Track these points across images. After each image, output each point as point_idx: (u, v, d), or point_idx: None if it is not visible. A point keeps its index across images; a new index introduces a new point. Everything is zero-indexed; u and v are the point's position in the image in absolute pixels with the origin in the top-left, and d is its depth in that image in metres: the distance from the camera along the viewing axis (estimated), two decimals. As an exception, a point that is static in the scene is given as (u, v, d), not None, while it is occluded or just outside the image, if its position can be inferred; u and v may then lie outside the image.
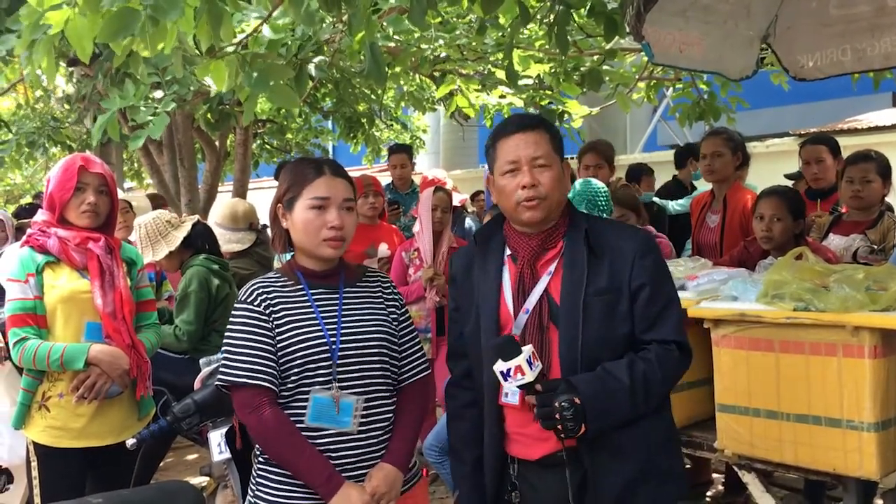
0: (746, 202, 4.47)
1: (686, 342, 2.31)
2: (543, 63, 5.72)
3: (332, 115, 8.65)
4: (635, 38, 3.63)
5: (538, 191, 2.27)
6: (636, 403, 2.22)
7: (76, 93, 6.75)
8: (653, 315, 2.27)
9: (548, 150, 2.31)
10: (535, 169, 2.29)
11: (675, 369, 2.32)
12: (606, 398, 2.17)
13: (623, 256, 2.27)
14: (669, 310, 2.30)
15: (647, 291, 2.26)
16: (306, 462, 2.27)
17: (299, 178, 2.38)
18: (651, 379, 2.22)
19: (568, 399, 2.13)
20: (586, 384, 2.18)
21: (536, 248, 2.34)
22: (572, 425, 2.13)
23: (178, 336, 4.19)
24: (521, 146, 2.31)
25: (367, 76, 3.23)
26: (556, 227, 2.35)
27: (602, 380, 2.20)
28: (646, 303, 2.26)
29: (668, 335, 2.27)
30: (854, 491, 2.86)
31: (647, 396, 2.23)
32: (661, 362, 2.24)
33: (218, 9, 2.52)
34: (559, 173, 2.32)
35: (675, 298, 2.35)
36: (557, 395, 2.15)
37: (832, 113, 14.07)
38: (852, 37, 4.00)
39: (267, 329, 2.32)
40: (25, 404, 3.10)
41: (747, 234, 4.23)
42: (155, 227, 4.37)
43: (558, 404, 2.13)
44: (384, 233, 5.44)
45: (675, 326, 2.29)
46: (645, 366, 2.22)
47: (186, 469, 5.76)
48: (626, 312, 2.26)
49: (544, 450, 2.30)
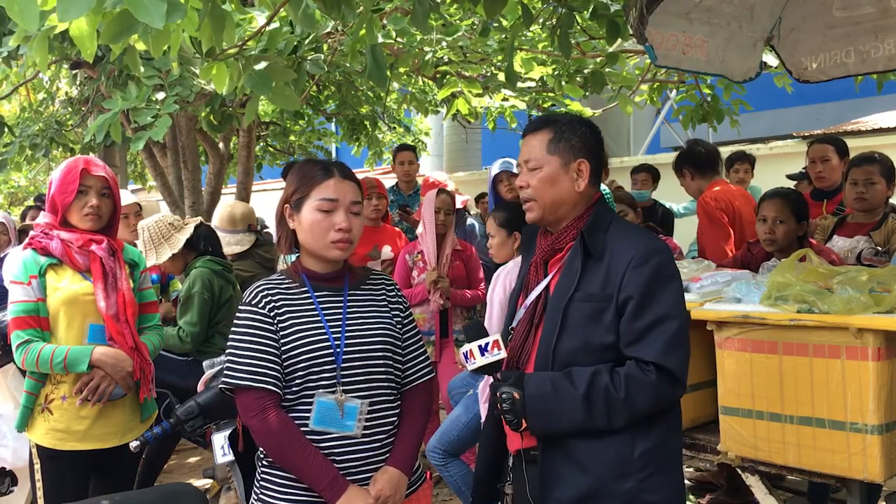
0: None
1: (672, 367, 2.15)
2: (546, 65, 5.73)
3: (335, 118, 8.66)
4: (638, 40, 3.63)
5: (526, 192, 2.35)
6: (592, 415, 2.14)
7: (79, 95, 6.77)
8: (638, 330, 2.16)
9: (539, 153, 2.33)
10: (528, 172, 2.34)
11: (648, 393, 2.14)
12: (552, 401, 2.16)
13: (620, 263, 2.20)
14: (658, 328, 2.15)
15: (634, 304, 2.16)
16: (310, 465, 2.26)
17: (308, 179, 2.38)
18: (612, 395, 2.13)
19: (508, 392, 2.19)
20: (536, 382, 2.19)
21: (547, 248, 2.37)
22: (511, 417, 2.19)
23: (181, 337, 4.20)
24: (523, 150, 2.39)
25: (369, 77, 3.23)
26: (568, 227, 2.34)
27: (555, 382, 2.17)
28: (631, 316, 2.16)
29: (648, 355, 2.14)
30: (858, 493, 2.85)
31: (609, 413, 2.14)
32: (628, 382, 2.13)
33: (220, 11, 2.52)
34: (552, 174, 2.31)
35: (671, 317, 2.18)
36: (502, 385, 2.22)
37: (836, 115, 14.04)
38: (856, 39, 4.00)
39: (271, 332, 2.31)
40: (28, 407, 3.11)
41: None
42: (158, 229, 4.38)
43: (499, 395, 2.21)
44: (387, 235, 5.44)
45: (661, 347, 2.14)
46: (609, 380, 2.14)
47: (189, 471, 5.76)
48: (611, 322, 2.18)
49: (516, 444, 2.33)
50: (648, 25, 3.46)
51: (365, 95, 7.83)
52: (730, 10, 3.92)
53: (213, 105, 5.36)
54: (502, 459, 2.48)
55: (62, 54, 5.28)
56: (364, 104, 8.13)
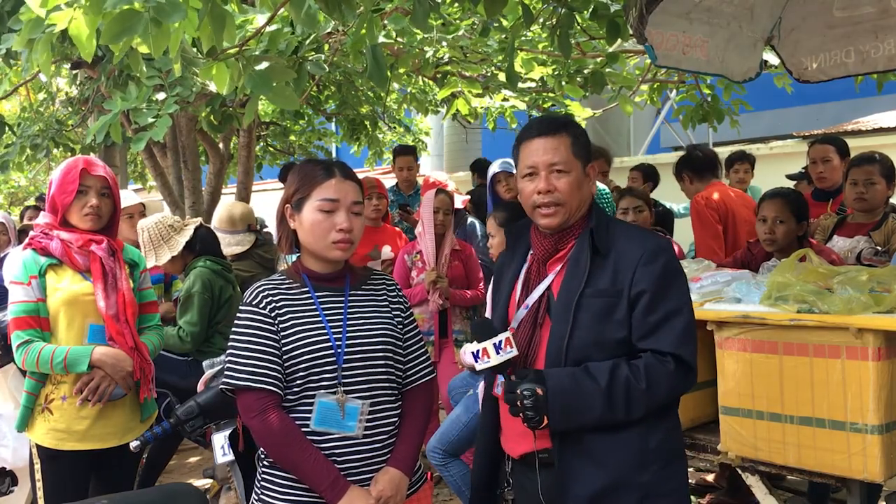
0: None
1: (687, 357, 2.21)
2: (546, 65, 5.72)
3: (335, 118, 8.66)
4: (638, 40, 3.63)
5: (554, 196, 2.29)
6: (613, 409, 2.16)
7: (79, 95, 6.76)
8: (652, 323, 2.21)
9: (567, 156, 2.31)
10: (553, 175, 2.30)
11: (668, 383, 2.20)
12: (575, 396, 2.16)
13: (628, 260, 2.24)
14: (672, 320, 2.21)
15: (647, 298, 2.20)
16: (311, 466, 2.26)
17: (309, 179, 2.38)
18: (633, 387, 2.16)
19: (531, 388, 2.16)
20: (557, 378, 2.18)
21: (549, 248, 2.37)
22: (532, 415, 2.15)
23: (181, 337, 4.20)
24: (541, 151, 2.32)
25: (369, 77, 3.23)
26: (571, 228, 2.36)
27: (576, 377, 2.18)
28: (644, 310, 2.21)
29: (665, 346, 2.19)
30: (858, 493, 2.85)
31: (628, 404, 2.17)
32: (648, 372, 2.17)
33: (221, 11, 2.52)
34: (578, 178, 2.32)
35: (683, 310, 2.25)
36: (523, 382, 2.18)
37: (836, 115, 14.04)
38: (856, 39, 4.00)
39: (272, 332, 2.31)
40: (28, 407, 3.11)
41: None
42: (157, 231, 4.38)
43: (520, 391, 2.16)
44: (387, 235, 5.44)
45: (676, 338, 2.20)
46: (629, 372, 2.17)
47: (189, 471, 5.76)
48: (623, 317, 2.22)
49: (524, 447, 2.32)
50: (648, 25, 3.45)
51: (365, 95, 7.82)
52: (730, 10, 3.92)
53: (213, 105, 5.36)
54: (498, 466, 2.46)
55: (62, 54, 5.27)
56: (364, 104, 8.13)
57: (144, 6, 2.26)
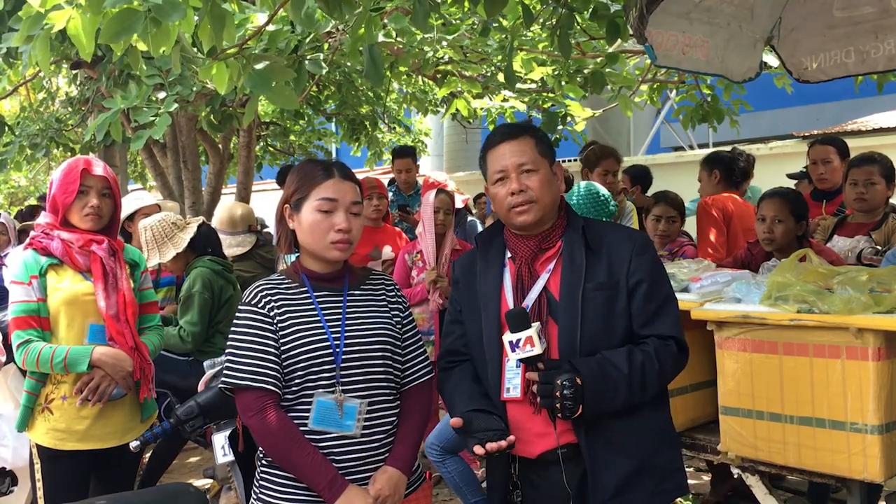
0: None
1: (683, 340, 2.37)
2: (546, 65, 5.72)
3: (335, 118, 8.66)
4: (638, 40, 3.62)
5: (527, 195, 2.35)
6: (632, 392, 2.26)
7: (79, 95, 6.76)
8: (651, 311, 2.33)
9: (534, 156, 2.38)
10: (523, 175, 2.37)
11: (673, 365, 2.36)
12: (604, 383, 2.23)
13: (620, 253, 2.35)
14: (667, 307, 2.36)
15: (645, 287, 2.32)
16: (309, 465, 2.26)
17: (308, 179, 2.38)
18: (648, 370, 2.28)
19: (570, 378, 2.19)
20: (587, 366, 2.24)
21: (534, 249, 2.41)
22: (570, 404, 2.18)
23: (182, 337, 4.20)
24: (508, 155, 2.39)
25: (366, 76, 3.24)
26: (552, 227, 2.42)
27: (601, 365, 2.25)
28: (643, 299, 2.33)
29: (666, 331, 2.33)
30: (858, 493, 2.85)
31: (644, 387, 2.28)
32: (659, 355, 2.30)
33: (220, 11, 2.52)
34: (547, 176, 2.39)
35: (673, 297, 2.41)
36: (561, 373, 2.21)
37: (836, 115, 14.06)
38: (856, 39, 3.99)
39: (271, 332, 2.32)
40: (29, 407, 3.11)
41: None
42: (161, 229, 4.38)
43: (560, 382, 2.19)
44: (388, 235, 5.44)
45: (673, 323, 2.36)
46: (643, 357, 2.28)
47: (189, 471, 5.77)
48: (623, 308, 2.33)
49: (543, 446, 2.33)
50: (648, 25, 3.45)
51: (365, 95, 7.82)
52: (730, 10, 3.92)
53: (213, 105, 5.36)
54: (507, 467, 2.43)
55: (62, 54, 5.28)
56: (364, 104, 8.13)
57: (143, 5, 2.26)
